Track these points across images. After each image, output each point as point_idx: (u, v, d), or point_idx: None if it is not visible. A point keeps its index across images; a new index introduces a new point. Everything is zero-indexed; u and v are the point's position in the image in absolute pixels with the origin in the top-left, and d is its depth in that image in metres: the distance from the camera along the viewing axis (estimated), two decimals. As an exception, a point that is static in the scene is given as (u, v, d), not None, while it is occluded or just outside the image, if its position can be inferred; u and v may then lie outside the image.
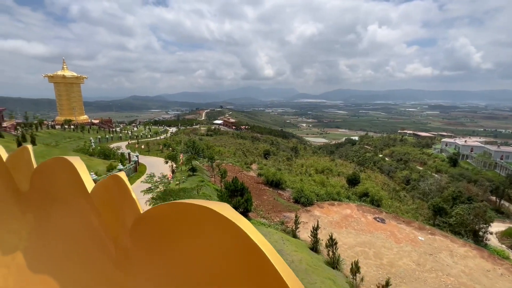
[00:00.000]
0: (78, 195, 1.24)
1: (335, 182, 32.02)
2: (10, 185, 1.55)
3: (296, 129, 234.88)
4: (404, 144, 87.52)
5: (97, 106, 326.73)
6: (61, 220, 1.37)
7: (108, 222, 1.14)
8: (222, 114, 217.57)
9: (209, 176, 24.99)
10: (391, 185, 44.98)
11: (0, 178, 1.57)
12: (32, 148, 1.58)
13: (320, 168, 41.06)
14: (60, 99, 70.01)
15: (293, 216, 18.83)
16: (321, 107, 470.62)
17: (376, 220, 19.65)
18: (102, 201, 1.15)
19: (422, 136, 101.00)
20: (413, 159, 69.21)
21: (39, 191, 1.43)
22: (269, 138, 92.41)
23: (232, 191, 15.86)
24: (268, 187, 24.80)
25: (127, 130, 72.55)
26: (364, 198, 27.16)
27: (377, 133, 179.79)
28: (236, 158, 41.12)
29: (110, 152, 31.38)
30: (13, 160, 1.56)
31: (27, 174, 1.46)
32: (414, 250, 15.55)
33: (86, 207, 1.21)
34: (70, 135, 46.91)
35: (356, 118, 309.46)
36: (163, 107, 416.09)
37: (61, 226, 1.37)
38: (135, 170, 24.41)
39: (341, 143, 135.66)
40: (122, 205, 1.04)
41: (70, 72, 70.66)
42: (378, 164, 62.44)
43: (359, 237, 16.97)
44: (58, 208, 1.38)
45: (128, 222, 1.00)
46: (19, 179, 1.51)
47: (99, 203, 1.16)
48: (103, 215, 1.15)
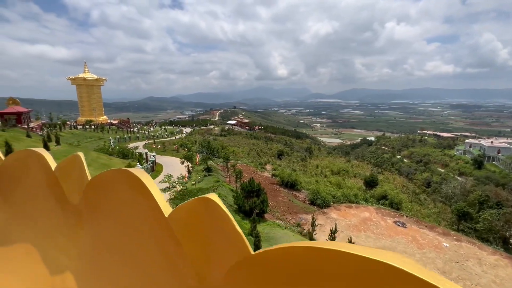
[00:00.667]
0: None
1: (352, 184, 31.22)
2: (59, 197, 1.38)
3: (309, 129, 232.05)
4: (424, 145, 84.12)
5: (116, 107, 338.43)
6: (118, 238, 1.19)
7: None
8: (236, 115, 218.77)
9: (224, 176, 25.06)
10: (410, 187, 43.28)
11: (49, 189, 1.42)
12: (83, 156, 1.42)
13: (336, 169, 40.20)
14: (81, 101, 73.09)
15: (309, 218, 18.48)
16: (335, 107, 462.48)
17: (397, 224, 18.90)
18: (181, 228, 0.95)
19: (443, 137, 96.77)
20: (434, 160, 66.33)
21: (92, 204, 1.26)
22: (283, 139, 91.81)
23: (248, 191, 15.76)
24: (283, 188, 24.53)
25: (144, 130, 74.50)
26: (383, 201, 26.28)
27: (394, 133, 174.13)
28: (250, 158, 41.10)
29: (128, 152, 32.24)
30: (64, 169, 1.39)
31: (80, 185, 1.29)
32: (438, 257, 14.79)
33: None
34: (91, 135, 48.75)
35: (372, 118, 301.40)
36: (178, 107, 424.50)
37: (116, 245, 1.19)
38: (152, 170, 24.91)
39: (356, 144, 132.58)
40: None
41: (91, 74, 73.59)
42: (396, 166, 60.36)
43: (379, 241, 16.37)
44: (114, 225, 1.20)
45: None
46: (69, 191, 1.35)
47: (177, 230, 0.95)
48: (183, 245, 0.95)
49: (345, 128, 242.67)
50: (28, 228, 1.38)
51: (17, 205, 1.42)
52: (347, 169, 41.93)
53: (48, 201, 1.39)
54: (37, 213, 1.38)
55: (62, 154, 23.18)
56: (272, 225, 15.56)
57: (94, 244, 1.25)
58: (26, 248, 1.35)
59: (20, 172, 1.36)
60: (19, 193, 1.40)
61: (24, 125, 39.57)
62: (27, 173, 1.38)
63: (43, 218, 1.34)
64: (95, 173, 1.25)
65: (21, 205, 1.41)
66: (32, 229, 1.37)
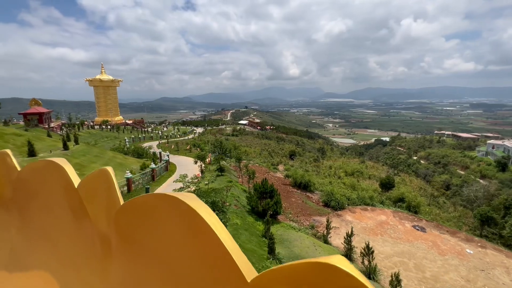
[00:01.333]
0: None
1: (367, 186, 30.38)
2: (83, 220, 1.30)
3: (322, 129, 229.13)
4: (442, 146, 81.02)
5: (131, 108, 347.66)
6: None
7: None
8: (247, 115, 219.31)
9: (236, 177, 25.02)
10: (428, 190, 41.69)
11: (70, 209, 1.40)
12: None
13: (350, 171, 39.31)
14: (98, 101, 75.48)
15: (323, 220, 18.09)
16: (348, 106, 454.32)
17: (415, 228, 18.16)
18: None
19: (463, 137, 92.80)
20: (453, 162, 63.67)
21: (125, 233, 1.13)
22: (295, 139, 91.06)
23: (261, 192, 15.59)
24: (296, 189, 24.19)
25: (158, 130, 75.97)
26: (400, 203, 25.38)
27: (410, 134, 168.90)
28: (262, 158, 40.91)
29: (143, 151, 32.90)
30: (89, 186, 1.32)
31: (109, 208, 1.18)
32: (461, 264, 14.05)
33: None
34: (107, 134, 50.19)
35: (386, 118, 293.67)
36: (190, 108, 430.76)
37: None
38: (166, 169, 25.23)
39: (370, 144, 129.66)
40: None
41: (107, 76, 75.84)
42: (413, 167, 58.39)
43: (397, 246, 15.76)
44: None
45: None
46: (95, 214, 1.24)
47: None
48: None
49: (358, 128, 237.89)
50: (47, 253, 1.25)
51: (34, 224, 1.31)
52: (361, 170, 40.91)
53: (70, 223, 1.23)
54: (57, 237, 1.24)
55: (81, 154, 23.89)
56: (286, 227, 15.32)
57: (124, 282, 1.04)
58: (43, 276, 1.21)
59: (38, 186, 1.26)
60: (37, 211, 1.29)
61: (45, 125, 41.22)
62: (46, 187, 1.26)
63: (64, 244, 1.21)
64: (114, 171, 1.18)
65: (39, 224, 1.30)
66: (52, 255, 1.23)
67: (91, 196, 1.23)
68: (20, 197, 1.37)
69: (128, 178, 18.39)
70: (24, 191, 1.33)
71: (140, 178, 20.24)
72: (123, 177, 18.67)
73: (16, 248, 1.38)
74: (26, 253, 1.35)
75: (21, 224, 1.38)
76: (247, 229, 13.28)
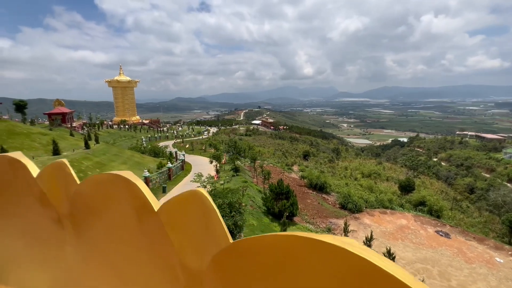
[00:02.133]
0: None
1: (385, 188, 29.41)
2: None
3: (336, 129, 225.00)
4: (465, 147, 77.28)
5: (147, 108, 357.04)
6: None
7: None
8: (260, 114, 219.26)
9: (251, 177, 24.95)
10: (450, 193, 39.80)
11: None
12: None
13: (367, 172, 38.23)
14: (116, 101, 77.97)
15: (340, 223, 17.64)
16: (364, 106, 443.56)
17: (439, 234, 17.32)
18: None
19: (487, 138, 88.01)
20: (477, 164, 60.51)
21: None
22: (308, 139, 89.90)
23: (277, 193, 15.41)
24: (311, 191, 23.79)
25: (173, 130, 77.42)
26: (420, 207, 24.36)
27: (429, 134, 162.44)
28: (276, 158, 40.64)
29: (159, 151, 33.57)
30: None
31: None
32: (491, 273, 13.21)
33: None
34: (125, 134, 51.71)
35: (404, 118, 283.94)
36: (204, 108, 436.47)
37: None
38: (182, 168, 25.58)
39: (387, 145, 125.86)
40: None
41: (125, 77, 78.18)
42: (433, 169, 55.99)
43: (419, 252, 15.09)
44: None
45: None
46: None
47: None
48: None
49: (374, 129, 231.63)
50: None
51: (91, 243, 1.29)
52: (378, 172, 39.67)
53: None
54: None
55: (101, 153, 24.67)
56: (302, 229, 15.05)
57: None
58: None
59: (99, 202, 1.21)
60: (96, 229, 1.26)
61: (68, 124, 43.04)
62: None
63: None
64: (130, 170, 1.15)
65: (98, 245, 1.26)
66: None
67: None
68: (78, 213, 1.28)
69: (146, 177, 18.77)
70: (83, 207, 1.25)
71: (157, 177, 20.61)
72: (141, 176, 19.09)
73: (72, 268, 1.33)
74: (82, 274, 1.29)
75: (77, 243, 1.29)
76: (263, 230, 13.15)
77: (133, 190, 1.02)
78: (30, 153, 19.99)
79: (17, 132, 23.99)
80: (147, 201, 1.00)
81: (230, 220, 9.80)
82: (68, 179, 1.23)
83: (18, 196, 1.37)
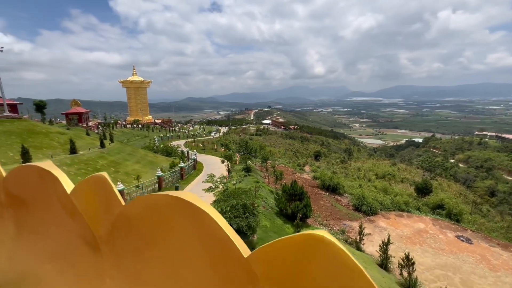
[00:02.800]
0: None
1: (400, 190, 28.54)
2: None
3: (348, 129, 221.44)
4: (485, 148, 74.03)
5: (159, 108, 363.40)
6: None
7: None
8: (270, 114, 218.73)
9: (263, 177, 24.77)
10: (469, 196, 38.23)
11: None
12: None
13: (381, 173, 37.27)
14: (130, 101, 79.68)
15: (354, 225, 17.19)
16: (376, 105, 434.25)
17: (460, 239, 16.56)
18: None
19: (509, 139, 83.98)
20: (498, 166, 57.88)
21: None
22: (319, 139, 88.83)
23: (290, 194, 15.16)
24: (324, 192, 23.37)
25: (184, 129, 78.37)
26: (438, 210, 23.45)
27: (446, 134, 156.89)
28: (287, 158, 40.28)
29: (171, 150, 33.95)
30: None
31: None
32: (518, 282, 12.46)
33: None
34: (138, 133, 52.71)
35: (419, 118, 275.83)
36: (214, 107, 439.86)
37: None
38: (193, 168, 25.72)
39: (401, 145, 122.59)
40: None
41: (138, 77, 79.76)
42: (451, 171, 53.99)
43: (439, 257, 14.45)
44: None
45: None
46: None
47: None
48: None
49: (387, 128, 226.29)
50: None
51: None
52: (393, 173, 38.61)
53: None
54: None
55: (115, 152, 25.17)
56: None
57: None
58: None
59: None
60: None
61: (84, 124, 44.30)
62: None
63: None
64: (144, 169, 0.94)
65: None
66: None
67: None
68: (122, 240, 1.11)
69: (159, 176, 18.96)
70: (129, 233, 1.07)
71: (170, 176, 20.79)
72: (155, 175, 19.29)
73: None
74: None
75: (117, 275, 1.08)
76: (276, 232, 12.95)
77: (200, 217, 0.80)
78: (48, 152, 20.62)
79: (36, 131, 24.83)
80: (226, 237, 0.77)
81: (244, 221, 9.66)
82: (110, 198, 1.01)
83: (48, 213, 1.20)
